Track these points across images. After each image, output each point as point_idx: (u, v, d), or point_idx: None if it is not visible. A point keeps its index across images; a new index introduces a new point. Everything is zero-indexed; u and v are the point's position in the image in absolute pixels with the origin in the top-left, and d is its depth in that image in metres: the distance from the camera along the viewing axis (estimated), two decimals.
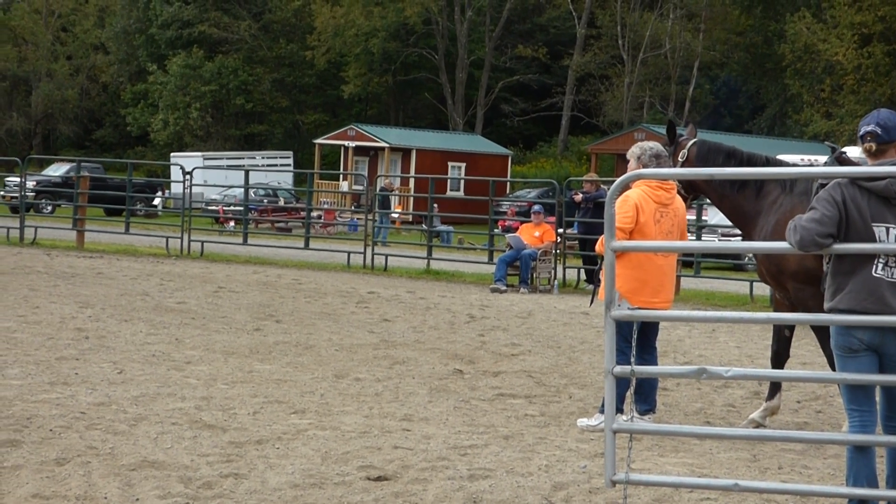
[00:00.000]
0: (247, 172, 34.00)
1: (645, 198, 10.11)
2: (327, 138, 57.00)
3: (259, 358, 12.88)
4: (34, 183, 40.95)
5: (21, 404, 9.87)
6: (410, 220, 44.78)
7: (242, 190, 34.86)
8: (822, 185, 8.68)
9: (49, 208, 42.07)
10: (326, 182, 52.97)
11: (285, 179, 53.89)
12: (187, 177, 28.93)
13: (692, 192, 11.29)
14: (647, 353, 10.17)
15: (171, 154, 58.15)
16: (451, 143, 57.01)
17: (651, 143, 10.71)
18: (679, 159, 11.05)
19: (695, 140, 11.24)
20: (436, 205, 31.08)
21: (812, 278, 9.92)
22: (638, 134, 47.48)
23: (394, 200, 44.82)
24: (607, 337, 7.26)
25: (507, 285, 22.17)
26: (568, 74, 65.42)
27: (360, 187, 45.10)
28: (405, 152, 53.05)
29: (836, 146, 11.08)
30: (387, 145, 52.88)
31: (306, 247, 28.62)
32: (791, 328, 10.83)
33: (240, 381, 11.51)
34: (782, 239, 8.90)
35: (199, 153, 55.37)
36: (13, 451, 8.36)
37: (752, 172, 10.94)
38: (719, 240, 24.64)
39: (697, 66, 63.10)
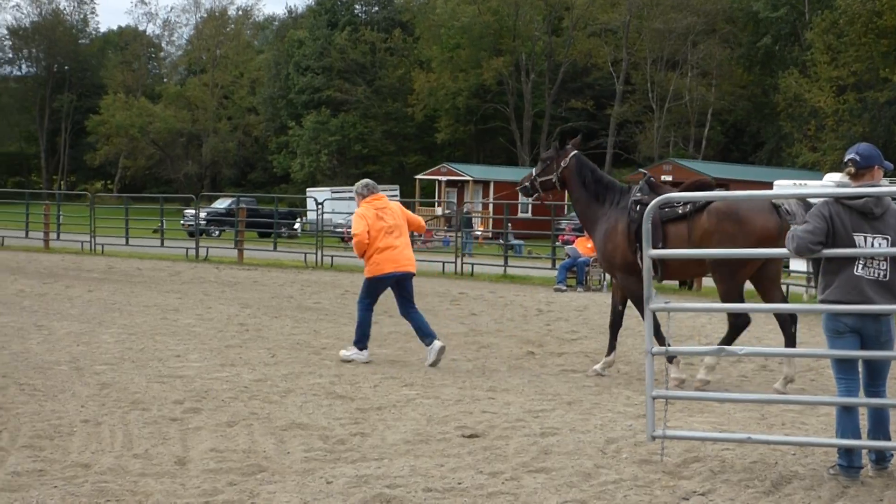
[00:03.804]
0: None
1: None
2: (425, 174, 57.05)
3: (377, 344, 12.92)
4: (205, 214, 41.48)
5: (200, 381, 10.00)
6: (490, 236, 44.69)
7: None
8: (636, 202, 10.67)
9: (217, 233, 42.54)
10: (425, 208, 52.97)
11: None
12: (319, 206, 29.14)
13: (562, 189, 11.86)
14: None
15: (307, 189, 58.49)
16: (521, 175, 56.58)
17: (364, 180, 12.26)
18: (561, 164, 11.56)
19: (575, 152, 11.59)
20: (510, 224, 31.01)
21: (632, 270, 10.58)
22: (666, 166, 47.35)
23: (476, 221, 44.74)
24: (646, 324, 7.24)
25: (567, 286, 22.06)
26: (610, 121, 65.02)
27: (451, 212, 45.10)
28: (485, 184, 52.96)
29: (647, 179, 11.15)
30: (471, 179, 52.86)
31: None
32: (624, 303, 11.20)
33: (364, 361, 11.56)
34: (610, 241, 10.97)
35: (328, 188, 55.50)
36: (195, 416, 8.46)
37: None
38: None
39: (711, 112, 62.49)
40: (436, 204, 51.98)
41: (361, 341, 11.72)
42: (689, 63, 62.05)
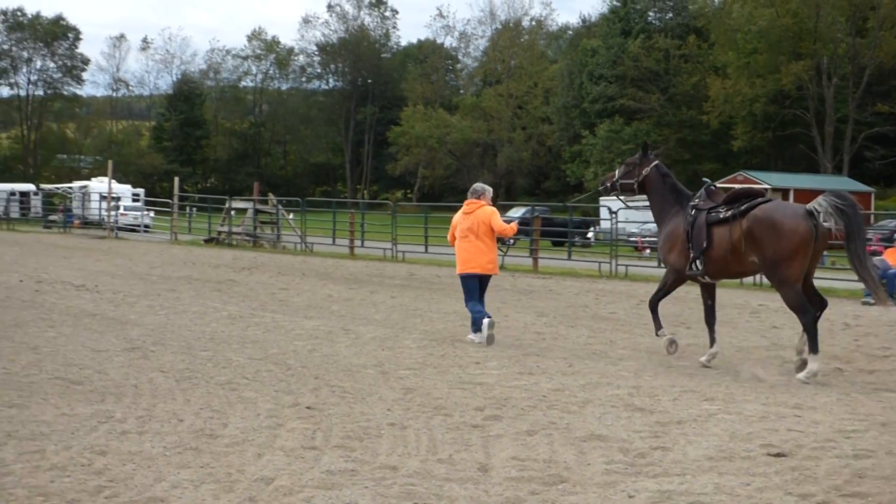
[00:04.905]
0: None
1: None
2: (721, 183, 55.67)
3: (675, 356, 12.71)
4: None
5: (499, 388, 10.11)
6: None
7: (656, 224, 34.53)
8: (693, 207, 12.17)
9: (512, 241, 43.02)
10: None
11: None
12: (613, 215, 28.99)
13: (640, 192, 13.20)
14: None
15: (600, 198, 58.44)
16: (823, 183, 54.36)
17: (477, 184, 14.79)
18: (643, 171, 13.00)
19: (657, 162, 13.08)
20: None
21: (682, 265, 12.19)
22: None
23: None
24: None
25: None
26: None
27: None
28: (784, 192, 51.34)
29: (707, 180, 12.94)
30: (769, 187, 51.31)
31: None
32: (713, 299, 12.43)
33: (661, 373, 11.37)
34: (669, 239, 12.50)
35: (623, 197, 55.39)
36: (495, 423, 8.55)
37: None
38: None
39: None
40: None
41: (475, 324, 13.57)
42: None
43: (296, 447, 7.58)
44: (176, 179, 48.05)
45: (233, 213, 39.91)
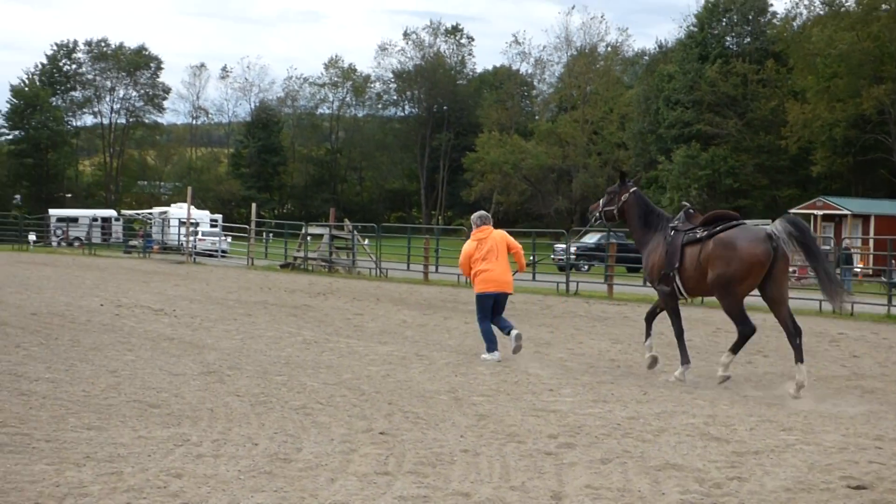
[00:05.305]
0: None
1: None
2: (799, 209, 54.89)
3: (752, 385, 12.54)
4: (575, 248, 42.00)
5: (573, 416, 10.05)
6: (871, 273, 42.29)
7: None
8: (672, 228, 12.93)
9: (586, 267, 42.93)
10: None
11: None
12: None
13: (620, 218, 13.97)
14: None
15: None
16: None
17: (476, 213, 15.43)
18: (622, 198, 13.74)
19: (634, 188, 13.80)
20: (894, 261, 29.20)
21: (666, 282, 12.87)
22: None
23: (856, 257, 42.51)
24: None
25: None
26: None
27: (828, 247, 43.15)
28: (865, 218, 50.35)
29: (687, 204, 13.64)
30: (849, 213, 50.36)
31: None
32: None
33: (737, 402, 11.21)
34: (650, 259, 13.15)
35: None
36: (569, 451, 8.50)
37: None
38: None
39: None
40: None
41: (490, 344, 14.28)
42: None
43: (369, 472, 7.60)
44: (253, 205, 48.60)
45: (309, 238, 40.24)
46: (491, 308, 14.50)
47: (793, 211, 55.30)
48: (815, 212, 52.03)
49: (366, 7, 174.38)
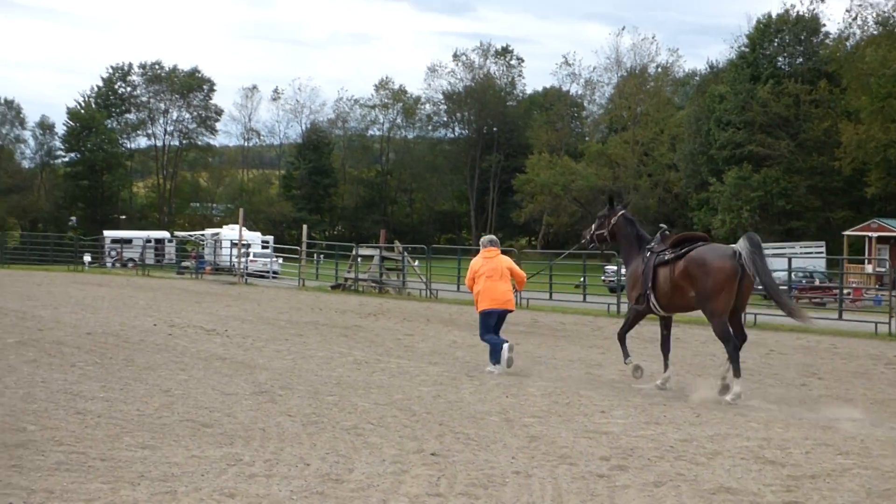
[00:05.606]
0: (789, 259, 33.30)
1: None
2: (853, 230, 54.50)
3: (807, 408, 12.38)
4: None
5: (625, 438, 9.98)
6: None
7: (786, 273, 33.86)
8: (648, 249, 13.69)
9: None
10: (854, 265, 50.43)
11: (819, 264, 51.81)
12: None
13: (612, 241, 14.63)
14: None
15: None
16: None
17: (485, 237, 16.10)
18: (611, 221, 14.42)
19: (623, 212, 14.46)
20: None
21: (643, 300, 13.67)
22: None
23: None
24: None
25: None
26: None
27: (883, 269, 42.65)
28: None
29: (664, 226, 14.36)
30: None
31: (839, 318, 27.35)
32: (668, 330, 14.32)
33: (792, 425, 11.06)
34: (631, 278, 14.01)
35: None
36: (622, 473, 8.43)
37: None
38: None
39: None
40: (865, 261, 49.31)
41: (494, 356, 14.96)
42: None
43: (420, 494, 7.59)
44: (304, 227, 48.96)
45: (359, 259, 40.39)
46: (492, 324, 15.28)
47: (846, 233, 54.79)
48: (869, 234, 51.48)
49: (415, 29, 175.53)
